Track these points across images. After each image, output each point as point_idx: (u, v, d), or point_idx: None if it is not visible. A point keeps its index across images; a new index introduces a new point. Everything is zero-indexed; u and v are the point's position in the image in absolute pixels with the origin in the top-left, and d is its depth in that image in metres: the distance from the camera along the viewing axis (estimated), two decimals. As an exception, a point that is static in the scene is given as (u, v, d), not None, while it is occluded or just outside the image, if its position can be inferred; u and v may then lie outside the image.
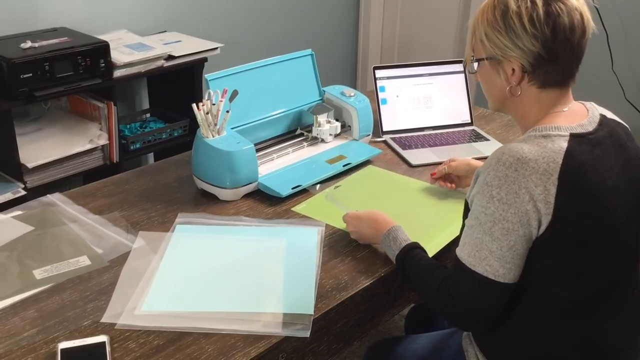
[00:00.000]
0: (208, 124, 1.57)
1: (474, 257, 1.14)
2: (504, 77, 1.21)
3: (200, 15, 3.02)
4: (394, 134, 1.98)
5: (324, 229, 1.47)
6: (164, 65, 2.51)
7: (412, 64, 2.06)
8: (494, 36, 1.18)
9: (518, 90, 1.20)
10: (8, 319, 1.18)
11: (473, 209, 1.16)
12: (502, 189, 1.10)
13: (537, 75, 1.18)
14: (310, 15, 3.54)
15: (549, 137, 1.14)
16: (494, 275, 1.12)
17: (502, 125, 2.09)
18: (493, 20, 1.18)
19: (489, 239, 1.12)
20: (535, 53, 1.15)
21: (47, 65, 2.17)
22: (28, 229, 1.45)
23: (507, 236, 1.11)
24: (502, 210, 1.10)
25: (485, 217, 1.12)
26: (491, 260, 1.12)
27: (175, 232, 1.45)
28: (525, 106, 1.22)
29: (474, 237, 1.14)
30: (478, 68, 1.25)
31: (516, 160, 1.10)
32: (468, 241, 1.15)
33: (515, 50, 1.16)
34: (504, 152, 1.12)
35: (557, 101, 1.20)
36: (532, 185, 1.09)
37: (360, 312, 1.33)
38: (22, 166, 2.22)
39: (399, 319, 2.15)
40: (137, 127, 2.73)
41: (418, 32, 3.78)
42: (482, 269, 1.13)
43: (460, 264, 1.16)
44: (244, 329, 1.16)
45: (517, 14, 1.14)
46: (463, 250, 1.16)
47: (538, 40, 1.14)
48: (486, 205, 1.12)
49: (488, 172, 1.13)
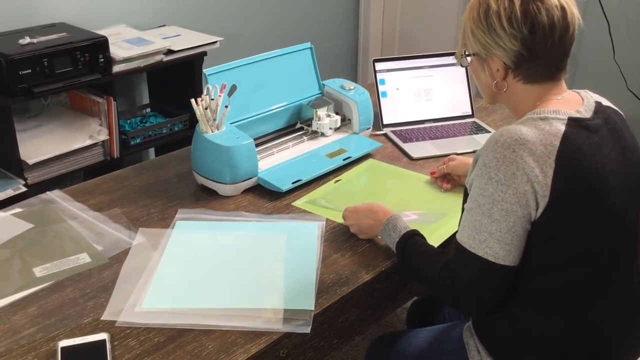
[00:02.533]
0: (207, 119, 1.57)
1: (473, 239, 1.14)
2: (488, 73, 1.23)
3: (200, 9, 3.01)
4: (394, 127, 1.97)
5: (325, 224, 1.47)
6: (164, 60, 2.50)
7: (412, 56, 2.05)
8: (478, 34, 1.20)
9: (504, 85, 1.22)
10: (8, 317, 1.18)
11: (472, 192, 1.16)
12: (500, 170, 1.10)
13: (520, 72, 1.20)
14: (310, 8, 3.52)
15: (547, 119, 1.15)
16: (494, 258, 1.12)
17: (504, 117, 2.08)
18: (477, 18, 1.20)
19: (488, 220, 1.12)
20: (516, 52, 1.17)
21: (46, 61, 2.16)
22: (28, 227, 1.45)
23: (506, 217, 1.11)
24: (501, 191, 1.11)
25: (484, 199, 1.12)
26: (491, 242, 1.12)
27: (175, 228, 1.45)
28: (516, 99, 1.24)
29: (473, 219, 1.14)
30: (470, 64, 1.27)
31: (514, 142, 1.10)
32: (467, 224, 1.16)
33: (497, 49, 1.18)
34: (502, 133, 1.13)
35: (547, 92, 1.21)
36: (529, 166, 1.09)
37: (361, 307, 1.33)
38: (22, 162, 2.22)
39: (402, 312, 2.15)
40: (137, 122, 2.72)
41: (418, 24, 3.77)
42: (482, 251, 1.13)
43: (461, 247, 1.16)
44: (244, 325, 1.16)
45: (497, 13, 1.16)
46: (463, 233, 1.16)
47: (517, 40, 1.16)
48: (484, 187, 1.12)
49: (486, 154, 1.13)
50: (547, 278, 1.17)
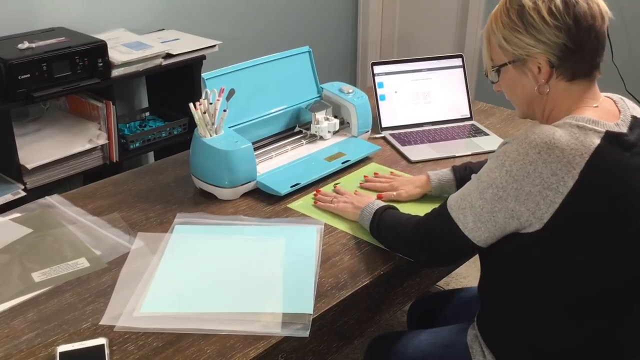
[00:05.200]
0: (206, 123, 1.57)
1: (455, 201, 1.21)
2: (531, 77, 1.19)
3: (198, 13, 3.01)
4: (393, 130, 1.98)
5: (323, 228, 1.47)
6: (162, 64, 2.50)
7: (411, 59, 2.05)
8: (514, 37, 1.17)
9: (546, 88, 1.19)
10: (7, 322, 1.18)
11: (482, 168, 1.18)
12: (515, 164, 1.10)
13: (565, 68, 1.16)
14: (309, 11, 3.53)
15: (585, 129, 1.12)
16: (462, 226, 1.18)
17: (502, 120, 2.09)
18: (509, 22, 1.17)
19: (477, 195, 1.16)
20: (561, 45, 1.14)
21: (45, 66, 2.16)
22: (27, 232, 1.45)
23: (496, 202, 1.13)
24: (504, 181, 1.12)
25: (486, 178, 1.15)
26: (467, 212, 1.18)
27: (174, 232, 1.45)
28: (555, 102, 1.20)
29: (466, 188, 1.20)
30: (501, 76, 1.24)
31: (543, 143, 1.09)
32: (462, 189, 1.22)
33: (539, 46, 1.15)
34: (534, 131, 1.12)
35: (585, 94, 1.19)
36: (548, 172, 1.08)
37: (360, 311, 1.33)
38: (21, 167, 2.22)
39: (401, 314, 2.15)
40: (137, 126, 2.72)
41: (417, 28, 3.77)
42: (455, 214, 1.20)
43: (444, 203, 1.24)
44: (243, 330, 1.16)
45: (535, 9, 1.14)
46: (454, 194, 1.23)
47: (561, 31, 1.13)
48: (493, 169, 1.14)
49: (512, 144, 1.13)
50: (561, 287, 1.15)
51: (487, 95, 2.90)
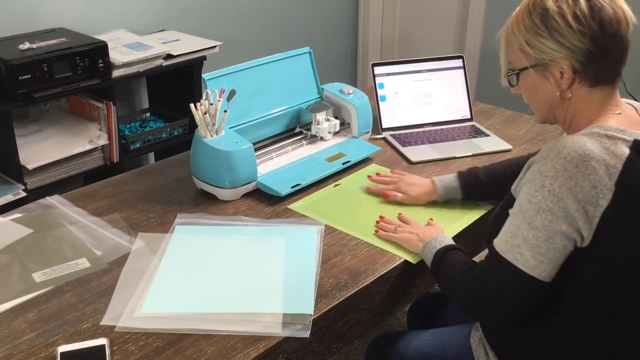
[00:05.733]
0: (206, 123, 1.57)
1: (506, 243, 1.11)
2: (553, 81, 1.16)
3: (199, 14, 3.01)
4: (393, 131, 1.98)
5: (324, 228, 1.47)
6: (163, 65, 2.50)
7: (411, 60, 2.05)
8: (537, 41, 1.14)
9: (569, 93, 1.16)
10: (8, 323, 1.18)
11: (519, 197, 1.12)
12: (556, 181, 1.06)
13: (588, 73, 1.14)
14: (309, 12, 3.53)
15: (613, 138, 1.10)
16: (522, 265, 1.08)
17: (502, 121, 2.09)
18: (532, 25, 1.14)
19: (527, 227, 1.08)
20: (585, 50, 1.11)
21: (45, 66, 2.17)
22: (27, 232, 1.45)
23: (548, 228, 1.07)
24: (550, 202, 1.06)
25: (529, 205, 1.09)
26: (523, 249, 1.08)
27: (174, 232, 1.45)
28: (576, 108, 1.18)
29: (511, 223, 1.11)
30: (520, 79, 1.21)
31: (579, 156, 1.06)
32: (505, 228, 1.13)
33: (563, 51, 1.12)
34: (565, 144, 1.08)
35: (608, 101, 1.17)
36: (589, 185, 1.05)
37: (360, 311, 1.33)
38: (22, 168, 2.22)
39: (402, 315, 2.15)
40: (137, 127, 2.73)
41: (418, 28, 3.77)
42: (511, 255, 1.09)
43: (492, 249, 1.13)
44: (243, 330, 1.16)
45: (560, 14, 1.11)
46: (498, 237, 1.14)
47: (586, 37, 1.10)
48: (534, 193, 1.08)
49: (545, 162, 1.08)
50: (580, 297, 1.14)
51: (487, 96, 2.90)
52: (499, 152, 1.86)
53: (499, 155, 1.84)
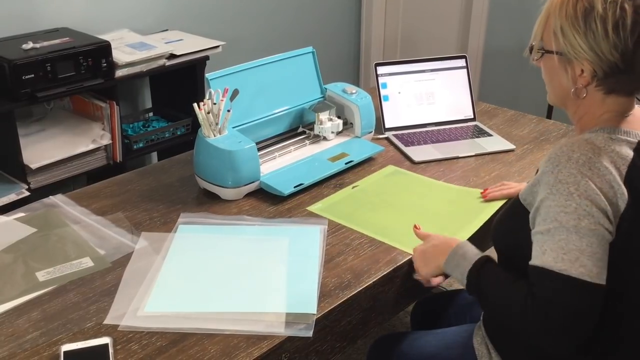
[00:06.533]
0: (209, 123, 1.57)
1: (562, 260, 1.02)
2: (570, 76, 1.13)
3: (202, 14, 3.01)
4: (396, 131, 1.98)
5: (327, 228, 1.47)
6: (166, 64, 2.51)
7: (414, 60, 2.05)
8: (571, 34, 1.10)
9: (583, 92, 1.13)
10: (11, 322, 1.18)
11: (547, 212, 1.06)
12: (580, 186, 1.04)
13: (606, 83, 1.11)
14: (312, 11, 3.53)
15: (618, 141, 1.09)
16: (589, 277, 1.01)
17: (505, 120, 2.08)
18: (573, 16, 1.09)
19: (576, 237, 1.02)
20: (612, 62, 1.08)
21: (49, 66, 2.17)
22: (31, 231, 1.46)
23: (595, 232, 1.03)
24: (586, 206, 1.03)
25: (567, 216, 1.03)
26: (584, 260, 1.01)
27: (177, 232, 1.45)
28: (587, 108, 1.16)
29: (557, 239, 1.03)
30: (543, 60, 1.18)
31: (588, 160, 1.05)
32: (549, 246, 1.04)
33: (590, 54, 1.09)
34: (573, 149, 1.07)
35: (621, 107, 1.15)
36: (606, 185, 1.04)
37: (363, 311, 1.33)
38: (25, 167, 2.23)
39: (404, 315, 2.15)
40: (140, 127, 2.73)
41: (420, 28, 3.77)
42: (576, 271, 1.01)
43: (547, 272, 1.03)
44: (246, 329, 1.16)
45: (602, 18, 1.06)
46: (545, 258, 1.04)
47: (618, 51, 1.06)
48: (565, 203, 1.04)
49: (560, 170, 1.06)
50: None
51: (490, 96, 2.90)
52: (502, 152, 1.86)
53: (501, 155, 1.84)
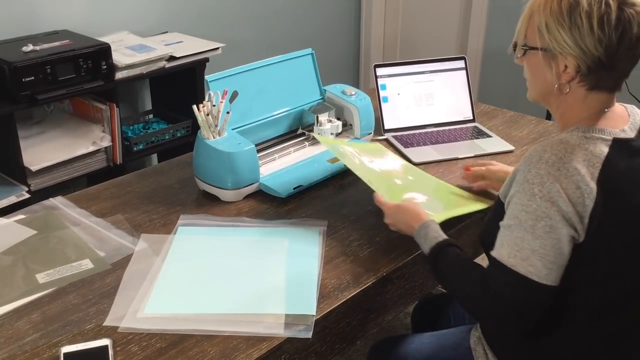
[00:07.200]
0: (209, 125, 1.57)
1: (514, 257, 1.09)
2: (555, 72, 1.15)
3: (201, 16, 3.02)
4: (395, 132, 1.98)
5: (326, 229, 1.47)
6: (166, 66, 2.51)
7: (413, 61, 2.05)
8: (555, 30, 1.11)
9: (567, 88, 1.15)
10: (11, 323, 1.19)
11: (511, 209, 1.12)
12: (544, 187, 1.07)
13: (590, 79, 1.13)
14: (312, 13, 3.53)
15: (592, 139, 1.11)
16: (537, 277, 1.08)
17: (505, 122, 2.09)
18: (558, 12, 1.11)
19: (531, 237, 1.08)
20: (596, 57, 1.10)
21: (49, 68, 2.18)
22: (31, 233, 1.46)
23: (550, 234, 1.07)
24: (545, 208, 1.07)
25: (527, 215, 1.08)
26: (533, 260, 1.08)
27: (177, 234, 1.46)
28: (569, 104, 1.18)
29: (514, 236, 1.10)
30: (526, 56, 1.20)
31: (559, 160, 1.08)
32: (507, 241, 1.11)
33: (575, 49, 1.11)
34: (545, 149, 1.09)
35: (602, 104, 1.16)
36: (573, 186, 1.06)
37: (363, 312, 1.33)
38: (25, 169, 2.23)
39: (404, 316, 2.15)
40: (140, 128, 2.73)
41: (420, 29, 3.78)
42: (524, 269, 1.08)
43: (500, 265, 1.11)
44: (246, 331, 1.16)
45: (587, 13, 1.08)
46: (501, 251, 1.11)
47: (602, 45, 1.09)
48: (527, 203, 1.08)
49: (529, 169, 1.09)
50: (573, 294, 1.14)
51: (490, 97, 2.90)
52: (501, 153, 1.86)
53: (501, 156, 1.84)
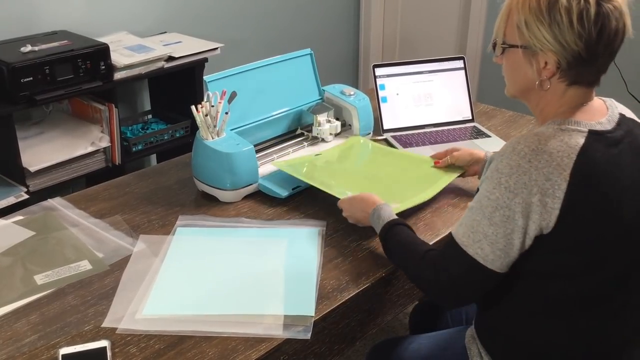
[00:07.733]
0: (207, 125, 1.57)
1: (467, 237, 1.15)
2: (535, 69, 1.16)
3: (200, 16, 3.02)
4: (394, 132, 1.98)
5: (325, 230, 1.47)
6: (165, 67, 2.51)
7: (412, 61, 2.05)
8: (535, 26, 1.12)
9: (547, 84, 1.16)
10: (10, 325, 1.19)
11: (478, 193, 1.16)
12: (511, 178, 1.09)
13: (570, 74, 1.14)
14: (310, 13, 3.53)
15: (568, 131, 1.12)
16: (483, 260, 1.14)
17: (504, 122, 2.09)
18: (537, 9, 1.11)
19: (487, 223, 1.13)
20: (576, 52, 1.11)
21: (47, 69, 2.17)
22: (29, 234, 1.46)
23: (506, 224, 1.11)
24: (507, 198, 1.10)
25: (488, 202, 1.12)
26: (484, 244, 1.13)
27: (176, 234, 1.46)
28: (549, 100, 1.19)
29: (472, 218, 1.15)
30: (505, 54, 1.21)
31: (531, 152, 1.09)
32: (465, 222, 1.17)
33: (555, 45, 1.11)
34: (519, 141, 1.11)
35: (580, 98, 1.18)
36: (542, 178, 1.08)
37: (361, 313, 1.33)
38: (24, 170, 2.23)
39: (404, 316, 2.14)
40: (139, 129, 2.73)
41: (419, 29, 3.78)
42: (473, 250, 1.15)
43: (453, 241, 1.18)
44: (244, 332, 1.16)
45: (567, 9, 1.09)
46: (459, 229, 1.18)
47: (582, 40, 1.10)
48: (492, 190, 1.12)
49: (501, 159, 1.12)
50: (556, 286, 1.16)
51: (488, 97, 2.90)
52: (500, 153, 1.86)
53: (500, 156, 1.83)
